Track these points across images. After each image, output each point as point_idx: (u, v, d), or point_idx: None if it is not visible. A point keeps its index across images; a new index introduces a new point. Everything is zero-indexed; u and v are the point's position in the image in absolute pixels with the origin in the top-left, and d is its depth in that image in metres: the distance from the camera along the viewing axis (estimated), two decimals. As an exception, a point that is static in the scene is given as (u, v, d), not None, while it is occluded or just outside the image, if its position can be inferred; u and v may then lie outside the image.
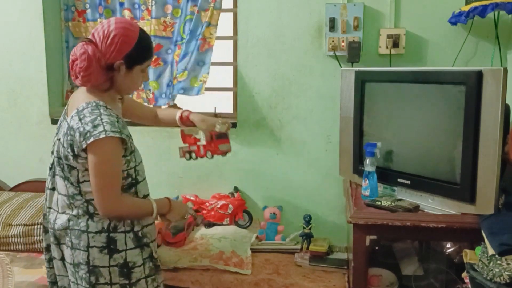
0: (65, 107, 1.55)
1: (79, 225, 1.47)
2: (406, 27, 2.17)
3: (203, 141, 2.01)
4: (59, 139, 1.47)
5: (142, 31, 1.49)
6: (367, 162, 1.77)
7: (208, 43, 2.41)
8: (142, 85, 2.59)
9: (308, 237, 2.24)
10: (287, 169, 2.41)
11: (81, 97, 1.48)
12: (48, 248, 1.60)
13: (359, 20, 2.16)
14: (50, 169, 1.54)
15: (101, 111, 1.42)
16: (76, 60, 1.42)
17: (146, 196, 1.58)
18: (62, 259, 1.55)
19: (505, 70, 1.46)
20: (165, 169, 2.52)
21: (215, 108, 2.17)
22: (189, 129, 2.01)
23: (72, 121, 1.42)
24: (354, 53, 2.15)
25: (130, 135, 1.51)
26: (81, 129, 1.39)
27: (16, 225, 2.17)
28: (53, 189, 1.53)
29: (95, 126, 1.38)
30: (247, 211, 2.38)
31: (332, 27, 2.19)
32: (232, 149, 2.44)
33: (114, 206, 1.45)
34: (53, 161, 1.52)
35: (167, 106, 2.48)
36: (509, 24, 2.08)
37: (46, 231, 1.59)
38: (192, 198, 2.42)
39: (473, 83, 1.51)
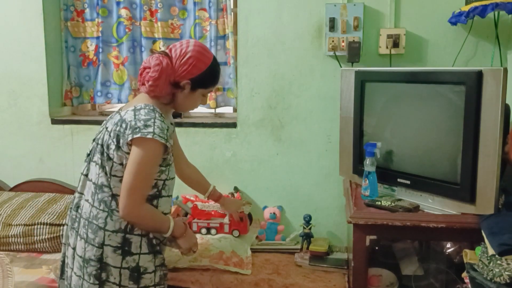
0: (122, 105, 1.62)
1: (98, 220, 1.48)
2: (406, 27, 2.17)
3: (219, 220, 2.20)
4: (107, 128, 1.51)
5: (214, 59, 1.58)
6: (367, 162, 1.77)
7: (228, 52, 2.45)
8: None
9: (308, 237, 2.24)
10: (287, 169, 2.41)
11: (141, 99, 1.54)
12: (68, 236, 1.61)
13: (359, 20, 2.17)
14: (88, 155, 1.57)
15: (157, 115, 1.47)
16: (148, 68, 1.50)
17: (165, 214, 1.59)
18: (74, 248, 1.55)
19: (505, 70, 1.46)
20: (165, 169, 2.52)
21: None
22: (202, 205, 2.22)
23: (126, 114, 1.48)
24: (354, 53, 2.14)
25: (172, 149, 1.54)
26: (133, 123, 1.43)
27: (16, 225, 2.17)
28: (87, 175, 1.55)
29: (146, 126, 1.42)
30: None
31: (332, 27, 2.19)
32: (232, 150, 2.46)
33: (136, 208, 1.45)
34: (93, 148, 1.55)
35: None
36: (509, 24, 2.08)
37: (72, 218, 1.59)
38: (192, 198, 2.41)
39: (473, 83, 1.51)
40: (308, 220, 2.28)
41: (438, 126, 1.67)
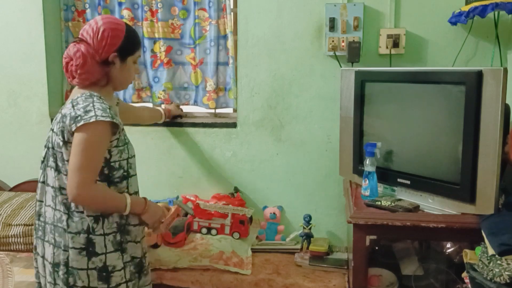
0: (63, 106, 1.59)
1: (62, 223, 1.48)
2: (406, 27, 2.17)
3: (220, 221, 2.24)
4: (53, 129, 1.51)
5: (127, 24, 1.57)
6: (367, 162, 1.77)
7: (228, 52, 2.45)
8: (141, 83, 2.61)
9: (308, 237, 2.24)
10: (287, 169, 2.41)
11: (77, 92, 1.54)
12: (36, 247, 1.60)
13: (359, 20, 2.16)
14: (42, 162, 1.57)
15: (94, 99, 1.46)
16: (71, 60, 1.48)
17: (136, 193, 1.60)
18: (43, 256, 1.54)
19: (505, 70, 1.46)
20: (165, 169, 2.52)
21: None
22: (204, 204, 2.24)
23: (65, 109, 1.48)
24: (354, 53, 2.14)
25: (123, 127, 1.54)
26: (73, 114, 1.42)
27: (16, 225, 2.17)
28: (43, 182, 1.56)
29: (86, 112, 1.41)
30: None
31: (332, 27, 2.19)
32: (232, 150, 2.46)
33: (87, 189, 1.40)
34: (46, 153, 1.55)
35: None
36: (509, 24, 2.08)
37: (36, 228, 1.60)
38: (192, 198, 2.41)
39: (473, 83, 1.51)
40: (308, 220, 2.28)
41: (438, 126, 1.67)
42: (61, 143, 1.45)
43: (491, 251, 1.34)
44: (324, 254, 2.14)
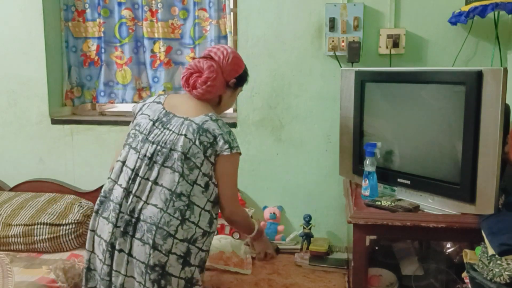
0: (157, 100, 1.67)
1: (170, 227, 1.48)
2: (406, 27, 2.17)
3: (220, 221, 2.13)
4: (185, 135, 1.52)
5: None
6: (367, 162, 1.77)
7: None
8: (149, 86, 2.62)
9: (308, 237, 2.24)
10: (287, 169, 2.41)
11: (200, 106, 1.62)
12: (113, 244, 1.52)
13: (359, 20, 2.16)
14: (150, 158, 1.53)
15: (229, 128, 1.60)
16: (197, 72, 1.60)
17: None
18: (130, 254, 1.51)
19: (505, 70, 1.46)
20: (165, 169, 2.52)
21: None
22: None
23: (206, 124, 1.55)
24: (354, 53, 2.14)
25: None
26: (225, 137, 1.54)
27: (16, 225, 2.17)
28: (154, 180, 1.51)
29: (233, 140, 1.57)
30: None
31: (332, 27, 2.19)
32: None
33: (240, 210, 1.70)
34: (158, 151, 1.53)
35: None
36: (509, 24, 2.08)
37: (117, 223, 1.52)
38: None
39: (473, 83, 1.51)
40: (308, 220, 2.28)
41: (438, 126, 1.67)
42: (200, 156, 1.52)
43: (491, 251, 1.34)
44: (324, 254, 2.14)
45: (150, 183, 1.51)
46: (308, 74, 2.31)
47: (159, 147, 1.53)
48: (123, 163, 1.58)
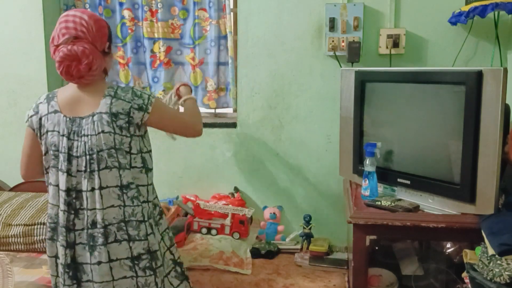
0: (53, 109, 1.55)
1: (136, 216, 1.51)
2: (406, 27, 2.17)
3: (220, 221, 2.26)
4: (102, 131, 1.47)
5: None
6: (367, 162, 1.77)
7: (228, 52, 2.45)
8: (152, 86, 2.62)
9: (308, 237, 2.24)
10: (287, 169, 2.41)
11: (90, 90, 1.54)
12: (70, 265, 1.52)
13: (359, 20, 2.17)
14: (84, 171, 1.49)
15: (129, 87, 1.55)
16: (74, 61, 1.47)
17: None
18: (113, 260, 1.50)
19: (505, 70, 1.46)
20: (165, 169, 2.52)
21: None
22: (204, 204, 2.26)
23: (113, 107, 1.49)
24: (354, 53, 2.14)
25: None
26: (135, 105, 1.50)
27: (16, 225, 2.17)
28: (93, 189, 1.48)
29: (141, 95, 1.53)
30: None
31: (332, 27, 2.19)
32: (232, 150, 2.46)
33: (197, 124, 1.72)
34: (90, 161, 1.48)
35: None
36: (509, 24, 2.08)
37: (67, 245, 1.52)
38: (192, 198, 2.42)
39: (473, 83, 1.51)
40: (308, 220, 2.28)
41: (438, 126, 1.67)
42: (127, 139, 1.50)
43: (491, 251, 1.34)
44: (324, 254, 2.14)
45: (97, 191, 1.48)
46: (308, 74, 2.31)
47: (88, 157, 1.49)
48: (57, 186, 1.54)
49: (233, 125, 2.43)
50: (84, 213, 1.50)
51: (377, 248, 2.03)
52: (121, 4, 2.53)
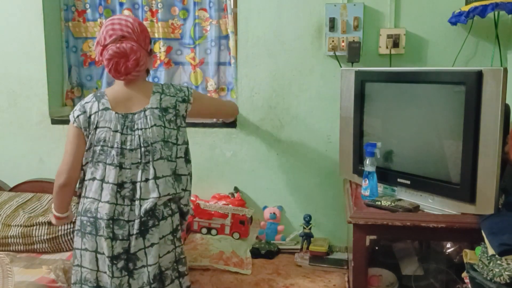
0: (104, 106, 1.65)
1: (184, 199, 1.71)
2: (406, 27, 2.17)
3: (220, 221, 2.26)
4: (154, 125, 1.62)
5: None
6: (367, 162, 1.77)
7: (229, 53, 2.44)
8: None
9: (308, 237, 2.24)
10: (287, 169, 2.41)
11: (139, 88, 1.69)
12: (118, 256, 1.59)
13: (359, 20, 2.17)
14: (139, 163, 1.61)
15: (167, 83, 1.75)
16: (122, 58, 1.60)
17: None
18: (156, 242, 1.60)
19: (505, 70, 1.46)
20: (165, 169, 2.52)
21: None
22: (204, 204, 2.27)
23: (162, 102, 1.66)
24: (354, 53, 2.14)
25: None
26: (179, 98, 1.70)
27: (16, 225, 2.17)
28: (146, 180, 1.60)
29: (181, 89, 1.73)
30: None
31: (332, 27, 2.19)
32: (232, 150, 2.46)
33: (233, 107, 2.17)
34: (145, 152, 1.61)
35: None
36: (509, 24, 2.08)
37: (114, 237, 1.58)
38: (192, 198, 2.41)
39: (473, 83, 1.51)
40: (308, 220, 2.28)
41: (438, 126, 1.67)
42: (174, 131, 1.66)
43: (491, 251, 1.34)
44: (324, 254, 2.14)
45: (151, 181, 1.60)
46: (308, 74, 2.31)
47: (143, 149, 1.60)
48: (102, 180, 1.61)
49: (233, 125, 2.43)
50: (137, 203, 1.59)
51: (377, 248, 2.03)
52: (121, 4, 2.53)
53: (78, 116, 1.65)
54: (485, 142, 1.51)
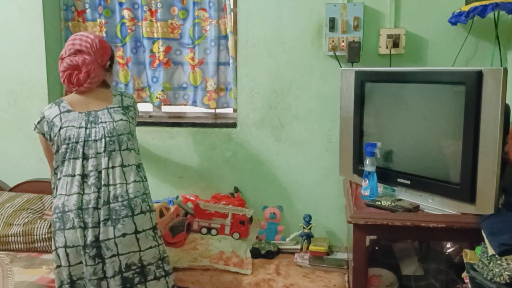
0: (66, 109, 1.75)
1: (147, 188, 1.74)
2: (406, 27, 2.17)
3: (220, 221, 2.26)
4: (120, 119, 1.74)
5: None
6: (367, 162, 1.77)
7: (229, 53, 2.44)
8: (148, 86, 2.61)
9: (308, 237, 2.24)
10: (287, 169, 2.41)
11: (100, 93, 1.82)
12: (90, 245, 1.61)
13: (359, 20, 2.17)
14: (104, 150, 1.68)
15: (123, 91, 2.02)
16: (76, 70, 1.74)
17: None
18: (136, 232, 1.64)
19: (505, 70, 1.46)
20: (165, 169, 2.52)
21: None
22: (204, 204, 2.27)
23: (123, 102, 1.82)
24: (354, 53, 2.14)
25: None
26: (132, 102, 1.87)
27: (16, 224, 2.17)
28: (113, 166, 1.68)
29: (131, 95, 1.91)
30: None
31: (332, 27, 2.19)
32: (232, 150, 2.46)
33: None
34: (109, 142, 1.69)
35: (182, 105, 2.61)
36: (509, 24, 2.08)
37: (85, 225, 1.62)
38: (192, 198, 2.42)
39: (473, 83, 1.51)
40: (308, 220, 2.28)
41: (438, 126, 1.67)
42: (134, 127, 1.82)
43: (491, 251, 1.34)
44: (324, 254, 2.14)
45: (118, 168, 1.69)
46: (308, 74, 2.31)
47: (107, 138, 1.70)
48: (68, 175, 1.67)
49: (233, 125, 2.43)
50: (106, 189, 1.65)
51: (377, 248, 2.03)
52: (120, 4, 2.52)
53: (38, 123, 1.77)
54: (485, 142, 1.51)
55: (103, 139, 1.69)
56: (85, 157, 1.67)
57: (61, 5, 2.59)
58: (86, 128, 1.70)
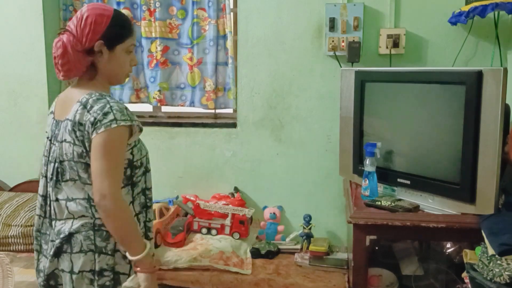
0: (51, 110, 1.44)
1: (103, 227, 1.34)
2: (406, 27, 2.17)
3: (220, 221, 2.25)
4: (64, 140, 1.33)
5: (117, 10, 1.40)
6: (367, 162, 1.77)
7: (227, 53, 2.44)
8: (137, 80, 2.60)
9: (308, 237, 2.24)
10: (287, 169, 2.41)
11: (76, 93, 1.36)
12: (49, 277, 1.38)
13: (359, 20, 2.16)
14: (51, 179, 1.37)
15: (108, 99, 1.31)
16: (55, 52, 1.35)
17: (150, 188, 1.49)
18: (72, 271, 1.34)
19: (505, 70, 1.46)
20: (165, 169, 2.52)
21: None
22: (204, 204, 2.25)
23: (77, 115, 1.30)
24: (354, 53, 2.14)
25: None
26: (91, 119, 1.27)
27: (16, 225, 2.17)
28: (57, 200, 1.37)
29: (105, 114, 1.27)
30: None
31: (332, 27, 2.19)
32: (232, 150, 2.46)
33: (115, 193, 1.27)
34: (57, 169, 1.35)
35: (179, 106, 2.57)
36: (509, 24, 2.08)
37: (41, 250, 1.42)
38: (192, 198, 2.42)
39: (473, 83, 1.51)
40: (308, 220, 2.28)
41: (438, 126, 1.67)
42: (85, 154, 1.30)
43: (491, 251, 1.34)
44: (324, 254, 2.14)
45: (58, 203, 1.37)
46: (308, 74, 2.31)
47: (57, 164, 1.35)
48: (38, 194, 1.46)
49: (233, 125, 2.43)
50: (53, 223, 1.39)
51: (377, 248, 2.03)
52: (119, 3, 2.52)
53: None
54: (485, 142, 1.51)
55: (53, 164, 1.36)
56: (46, 177, 1.40)
57: (60, 5, 2.59)
58: (51, 142, 1.38)
